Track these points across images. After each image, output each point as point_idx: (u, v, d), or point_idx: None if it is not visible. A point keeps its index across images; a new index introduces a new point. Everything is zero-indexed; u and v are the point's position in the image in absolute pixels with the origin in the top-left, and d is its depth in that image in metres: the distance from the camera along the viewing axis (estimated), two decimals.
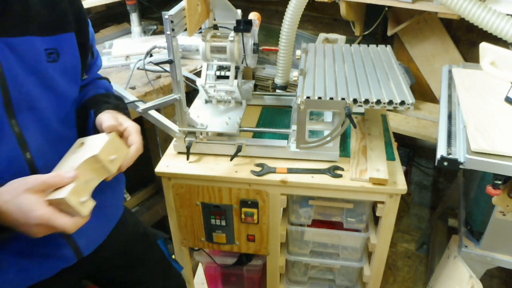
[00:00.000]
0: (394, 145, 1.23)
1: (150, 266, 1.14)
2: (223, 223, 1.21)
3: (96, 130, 0.88)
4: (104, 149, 0.75)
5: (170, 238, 1.30)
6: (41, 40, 0.76)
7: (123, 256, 1.08)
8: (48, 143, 0.81)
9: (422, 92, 2.04)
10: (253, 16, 1.26)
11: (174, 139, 1.19)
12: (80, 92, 0.95)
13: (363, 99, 1.00)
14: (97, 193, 0.76)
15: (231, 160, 1.14)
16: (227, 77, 1.24)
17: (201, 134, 1.16)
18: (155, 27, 2.08)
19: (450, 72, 1.41)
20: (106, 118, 0.83)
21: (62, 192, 0.68)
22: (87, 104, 0.93)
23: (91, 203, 0.73)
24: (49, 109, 0.80)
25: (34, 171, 0.78)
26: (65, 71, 0.82)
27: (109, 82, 1.05)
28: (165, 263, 1.19)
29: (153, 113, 1.15)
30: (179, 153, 1.20)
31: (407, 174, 2.22)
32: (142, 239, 1.14)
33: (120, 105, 0.94)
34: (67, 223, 0.68)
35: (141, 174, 1.99)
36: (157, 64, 1.55)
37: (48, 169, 0.79)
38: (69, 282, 0.95)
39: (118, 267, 1.08)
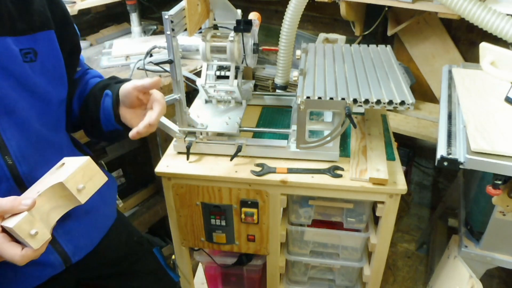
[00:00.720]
0: (394, 145, 1.23)
1: (144, 275, 1.12)
2: (223, 223, 1.21)
3: (114, 109, 0.87)
4: (72, 176, 0.69)
5: (170, 239, 1.28)
6: (14, 40, 0.74)
7: (116, 265, 1.06)
8: (31, 147, 0.78)
9: (422, 92, 2.04)
10: (253, 16, 1.26)
11: (174, 139, 1.19)
12: (78, 83, 0.94)
13: (363, 99, 1.00)
14: None
15: (231, 160, 1.14)
16: (227, 77, 1.24)
17: (201, 134, 1.16)
18: (155, 27, 2.08)
19: (450, 72, 1.41)
20: (135, 80, 0.83)
21: (13, 221, 0.63)
22: (96, 89, 0.92)
23: (45, 236, 0.66)
24: (30, 112, 0.77)
25: (17, 176, 0.76)
26: (46, 71, 0.79)
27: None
28: (160, 272, 1.16)
29: None
30: (179, 153, 1.20)
31: (407, 174, 2.22)
32: (136, 248, 1.12)
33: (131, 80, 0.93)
34: (15, 255, 0.63)
35: (141, 174, 2.00)
36: (157, 64, 1.56)
37: (31, 174, 0.77)
38: None
39: (110, 276, 1.06)
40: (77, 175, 0.69)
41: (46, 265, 0.85)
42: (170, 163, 1.17)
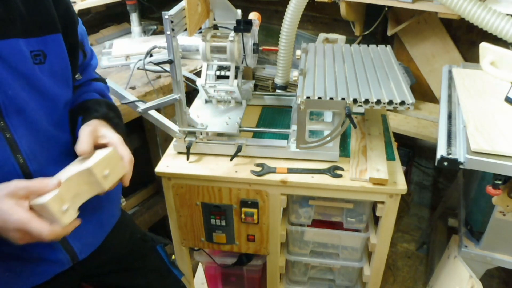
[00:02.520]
0: (394, 145, 1.23)
1: (148, 272, 1.13)
2: (223, 223, 1.21)
3: None
4: (99, 163, 0.74)
5: (170, 239, 1.29)
6: (25, 42, 0.75)
7: (120, 261, 1.07)
8: (40, 146, 0.79)
9: (422, 92, 2.04)
10: (253, 16, 1.26)
11: (174, 139, 1.19)
12: (74, 93, 0.93)
13: (363, 99, 1.00)
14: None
15: (231, 160, 1.14)
16: (227, 77, 1.24)
17: (201, 134, 1.16)
18: (155, 27, 2.09)
19: (450, 72, 1.41)
20: (83, 135, 0.80)
21: (44, 198, 0.67)
22: (77, 109, 0.91)
23: (74, 214, 0.71)
24: (39, 112, 0.78)
25: (27, 175, 0.77)
26: (54, 73, 0.80)
27: (106, 83, 1.03)
28: (164, 269, 1.17)
29: (153, 113, 1.15)
30: (179, 153, 1.20)
31: (407, 174, 2.22)
32: (139, 245, 1.12)
33: (108, 114, 0.90)
34: (44, 230, 0.66)
35: (141, 174, 1.99)
36: (157, 64, 1.55)
37: (41, 172, 0.77)
38: (65, 285, 0.93)
39: (115, 272, 1.07)
40: (103, 163, 0.75)
41: (54, 262, 0.86)
42: (170, 163, 1.17)
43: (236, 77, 1.24)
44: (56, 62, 0.81)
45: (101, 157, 0.75)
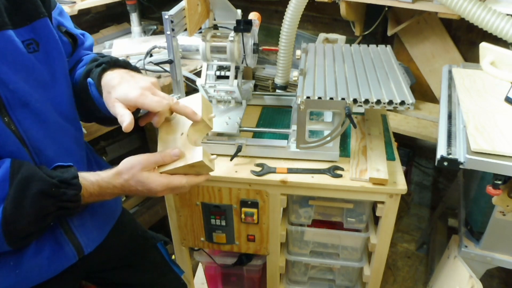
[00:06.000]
0: (394, 145, 1.23)
1: (149, 269, 1.13)
2: (223, 223, 1.21)
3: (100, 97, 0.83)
4: (203, 111, 0.85)
5: (170, 239, 1.29)
6: (16, 32, 0.74)
7: (122, 257, 1.08)
8: (50, 138, 0.79)
9: (422, 92, 2.04)
10: (253, 16, 1.26)
11: None
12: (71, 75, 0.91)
13: (363, 99, 1.00)
14: None
15: (231, 160, 1.14)
16: (227, 77, 1.24)
17: None
18: (155, 27, 2.09)
19: (450, 72, 1.41)
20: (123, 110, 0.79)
21: (197, 156, 0.80)
22: (81, 78, 0.87)
23: (214, 156, 0.86)
24: (46, 103, 0.78)
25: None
26: (50, 60, 0.79)
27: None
28: (165, 266, 1.18)
29: None
30: None
31: (407, 174, 2.22)
32: (140, 242, 1.13)
33: (117, 61, 0.87)
34: (182, 181, 0.81)
35: None
36: (157, 64, 1.55)
37: (50, 165, 0.77)
38: (69, 282, 0.94)
39: (116, 269, 1.08)
40: (203, 109, 0.86)
41: (61, 256, 0.87)
42: None
43: (236, 77, 1.24)
44: (50, 48, 0.79)
45: (201, 106, 0.85)
